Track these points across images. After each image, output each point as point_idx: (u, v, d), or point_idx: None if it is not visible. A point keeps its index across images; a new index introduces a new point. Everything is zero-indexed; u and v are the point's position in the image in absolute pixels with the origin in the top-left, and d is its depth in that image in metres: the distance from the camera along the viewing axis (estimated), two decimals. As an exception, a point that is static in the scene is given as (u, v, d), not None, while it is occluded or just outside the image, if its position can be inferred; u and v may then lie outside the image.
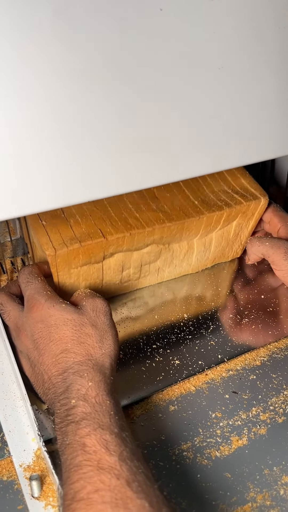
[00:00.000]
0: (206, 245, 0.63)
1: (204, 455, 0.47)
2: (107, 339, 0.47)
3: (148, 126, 0.42)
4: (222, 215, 0.59)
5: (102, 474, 0.35)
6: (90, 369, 0.43)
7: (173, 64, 0.40)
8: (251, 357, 0.57)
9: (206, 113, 0.44)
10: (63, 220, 0.53)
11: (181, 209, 0.58)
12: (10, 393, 0.50)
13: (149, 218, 0.55)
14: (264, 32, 0.42)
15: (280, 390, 0.53)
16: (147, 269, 0.61)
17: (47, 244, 0.51)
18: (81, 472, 0.36)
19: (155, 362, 0.56)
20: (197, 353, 0.57)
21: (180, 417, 0.51)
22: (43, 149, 0.39)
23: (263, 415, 0.51)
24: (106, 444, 0.37)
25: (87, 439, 0.38)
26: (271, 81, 0.46)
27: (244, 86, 0.44)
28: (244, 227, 0.63)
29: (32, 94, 0.37)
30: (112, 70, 0.38)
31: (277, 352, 0.58)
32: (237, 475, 0.46)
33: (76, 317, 0.47)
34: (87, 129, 0.40)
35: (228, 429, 0.50)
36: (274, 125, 0.49)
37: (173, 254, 0.61)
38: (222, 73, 0.42)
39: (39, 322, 0.47)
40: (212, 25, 0.40)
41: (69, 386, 0.42)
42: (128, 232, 0.53)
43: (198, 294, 0.64)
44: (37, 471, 0.45)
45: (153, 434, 0.49)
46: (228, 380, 0.54)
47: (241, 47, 0.42)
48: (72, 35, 0.36)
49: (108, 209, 0.56)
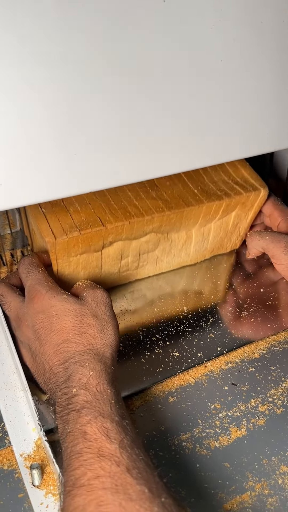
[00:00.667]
0: (204, 235, 0.63)
1: (203, 445, 0.48)
2: (108, 329, 0.47)
3: (148, 118, 0.43)
4: (221, 205, 0.59)
5: (103, 461, 0.36)
6: (91, 359, 0.43)
7: (174, 56, 0.40)
8: (250, 349, 0.58)
9: (206, 106, 0.44)
10: (63, 208, 0.54)
11: (180, 197, 0.58)
12: (10, 383, 0.50)
13: (149, 206, 0.56)
14: (265, 25, 0.42)
15: (278, 382, 0.54)
16: (146, 258, 0.61)
17: (46, 231, 0.51)
18: (82, 459, 0.36)
19: (155, 354, 0.56)
20: (197, 345, 0.57)
21: (180, 408, 0.51)
22: (42, 141, 0.39)
23: (262, 406, 0.51)
24: (106, 432, 0.38)
25: (88, 427, 0.38)
26: (271, 75, 0.46)
27: (244, 79, 0.45)
28: (243, 218, 0.64)
29: (31, 85, 0.37)
30: (113, 61, 0.39)
31: (275, 345, 0.58)
32: (236, 465, 0.46)
33: (77, 308, 0.47)
34: (87, 120, 0.40)
35: (227, 420, 0.50)
36: (273, 118, 0.49)
37: (171, 243, 0.62)
38: (223, 66, 0.43)
39: (40, 313, 0.47)
40: (213, 18, 0.40)
41: (70, 376, 0.43)
42: (127, 221, 0.53)
43: (197, 286, 0.65)
44: (37, 461, 0.45)
45: (153, 425, 0.49)
46: (227, 372, 0.55)
47: (242, 40, 0.42)
48: (71, 25, 0.36)
49: (108, 197, 0.56)
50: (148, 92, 0.41)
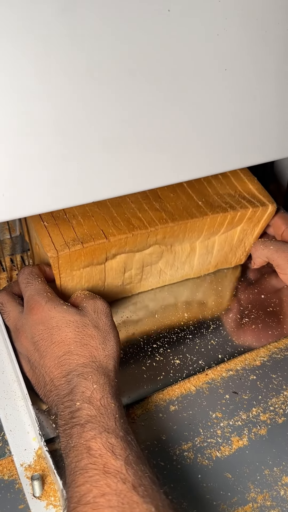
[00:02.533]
0: (208, 248, 0.63)
1: (204, 455, 0.48)
2: (110, 340, 0.46)
3: (151, 127, 0.42)
4: (226, 217, 0.58)
5: (108, 478, 0.35)
6: (95, 371, 0.43)
7: (179, 65, 0.40)
8: (251, 357, 0.57)
9: (210, 115, 0.44)
10: (65, 221, 0.53)
11: (184, 209, 0.57)
12: (11, 392, 0.50)
13: (152, 218, 0.55)
14: (269, 34, 0.42)
15: (280, 391, 0.54)
16: (149, 271, 0.61)
17: (49, 245, 0.50)
18: (87, 475, 0.36)
19: (156, 361, 0.56)
20: (198, 352, 0.57)
21: (181, 417, 0.51)
22: (44, 151, 0.38)
23: (263, 415, 0.51)
24: (111, 448, 0.37)
25: (93, 442, 0.38)
26: (275, 83, 0.46)
27: (248, 88, 0.44)
28: (249, 233, 0.63)
29: (33, 95, 0.36)
30: (116, 69, 0.38)
31: (277, 352, 0.58)
32: (238, 476, 0.46)
33: (78, 319, 0.46)
34: (88, 129, 0.40)
35: (229, 430, 0.50)
36: (276, 126, 0.48)
37: (175, 255, 0.61)
38: (227, 75, 0.42)
39: (39, 324, 0.47)
40: (218, 27, 0.40)
41: (73, 389, 0.42)
42: (130, 233, 0.53)
43: (198, 295, 0.64)
44: (38, 471, 0.45)
45: (154, 434, 0.49)
46: (228, 380, 0.55)
47: (247, 49, 0.42)
48: (76, 34, 0.36)
49: (111, 209, 0.55)
50: (151, 101, 0.41)
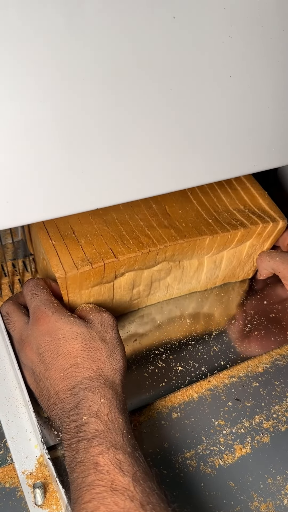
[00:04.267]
0: (216, 263, 0.62)
1: (207, 463, 0.47)
2: (117, 354, 0.46)
3: (156, 134, 0.42)
4: (236, 235, 0.57)
5: (116, 496, 0.35)
6: (102, 385, 0.42)
7: (183, 72, 0.40)
8: (253, 364, 0.57)
9: (214, 121, 0.44)
10: (73, 240, 0.52)
11: (194, 226, 0.56)
12: (12, 399, 0.50)
13: (161, 235, 0.54)
14: (274, 41, 0.42)
15: (283, 398, 0.53)
16: (157, 286, 0.60)
17: (57, 266, 0.49)
18: (94, 492, 0.35)
19: (158, 368, 0.56)
20: (200, 359, 0.57)
21: (183, 424, 0.50)
22: (47, 159, 0.38)
23: (266, 423, 0.51)
24: (119, 464, 0.37)
25: (100, 458, 0.37)
26: (279, 89, 0.45)
27: (252, 94, 0.44)
28: (258, 248, 0.62)
29: (34, 101, 0.36)
30: (120, 76, 0.38)
31: (279, 359, 0.58)
32: (241, 484, 0.46)
33: (85, 331, 0.46)
34: (92, 136, 0.39)
35: (231, 437, 0.49)
36: (281, 133, 0.48)
37: (183, 271, 0.60)
38: (232, 81, 0.42)
39: (46, 335, 0.46)
40: (223, 34, 0.39)
41: (80, 402, 0.41)
42: (139, 252, 0.52)
43: (205, 306, 0.64)
44: (40, 478, 0.45)
45: (156, 442, 0.49)
46: (231, 387, 0.54)
47: (252, 56, 0.42)
48: (79, 40, 0.35)
49: (119, 227, 0.54)
50: (155, 107, 0.41)
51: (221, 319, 0.62)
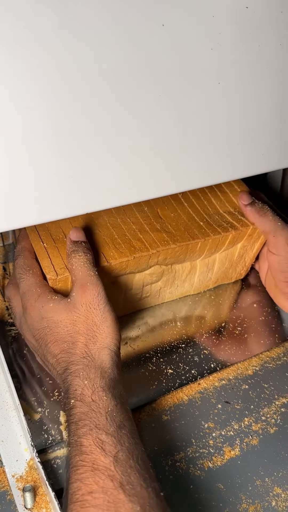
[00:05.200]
0: (209, 265, 0.62)
1: (197, 465, 0.48)
2: (103, 329, 0.45)
3: (147, 138, 0.42)
4: (227, 237, 0.58)
5: (97, 476, 0.36)
6: (85, 367, 0.43)
7: (173, 78, 0.40)
8: (243, 366, 0.58)
9: (204, 127, 0.44)
10: (65, 243, 0.52)
11: (186, 230, 0.57)
12: (2, 402, 0.50)
13: (153, 239, 0.54)
14: (262, 48, 0.42)
15: (271, 400, 0.54)
16: (149, 290, 0.60)
17: (48, 267, 0.50)
18: (78, 472, 0.37)
19: (149, 371, 0.56)
20: (190, 362, 0.57)
21: (173, 427, 0.51)
22: (35, 162, 0.38)
23: (255, 425, 0.51)
24: (101, 444, 0.38)
25: (84, 439, 0.38)
26: (268, 96, 0.46)
27: (241, 100, 0.45)
28: (249, 249, 0.62)
29: (23, 106, 0.36)
30: (110, 81, 0.38)
31: (268, 361, 0.59)
32: (230, 486, 0.46)
33: (65, 317, 0.46)
34: (81, 142, 0.40)
35: (221, 440, 0.50)
36: (269, 138, 0.49)
37: (175, 274, 0.61)
38: (221, 88, 0.43)
39: (34, 323, 0.47)
40: (212, 41, 0.40)
41: (68, 388, 0.42)
42: (131, 256, 0.52)
43: (197, 310, 0.64)
44: (30, 482, 0.45)
45: (147, 444, 0.49)
46: (221, 390, 0.55)
47: (240, 63, 0.42)
48: (72, 47, 0.36)
49: (111, 230, 0.54)
50: (147, 113, 0.41)
51: (212, 322, 0.63)
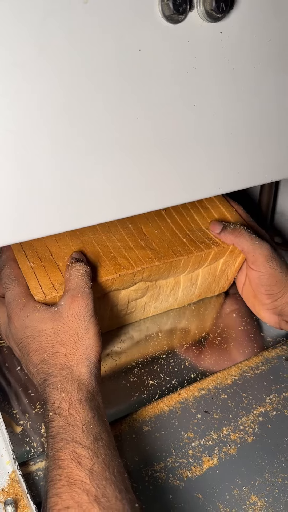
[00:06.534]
0: (192, 280, 0.64)
1: (176, 475, 0.49)
2: (84, 341, 0.46)
3: (130, 155, 0.43)
4: (210, 254, 0.59)
5: (73, 490, 0.36)
6: (63, 380, 0.43)
7: (151, 102, 0.41)
8: (223, 376, 0.59)
9: (183, 145, 0.45)
10: (51, 262, 0.53)
11: (169, 247, 0.58)
12: (-15, 415, 0.50)
13: (138, 257, 0.55)
14: (237, 71, 0.44)
15: (249, 410, 0.55)
16: (134, 305, 0.61)
17: (36, 288, 0.50)
18: (56, 487, 0.37)
19: (130, 382, 0.57)
20: (171, 372, 0.58)
21: (154, 437, 0.52)
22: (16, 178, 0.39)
23: (233, 434, 0.53)
24: (78, 458, 0.38)
25: (61, 452, 0.39)
26: (244, 116, 0.47)
27: (217, 121, 0.46)
28: (231, 264, 0.64)
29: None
30: (92, 99, 0.39)
31: (247, 370, 0.60)
32: (208, 495, 0.47)
33: (50, 326, 0.47)
34: (64, 159, 0.40)
35: (200, 449, 0.51)
36: (247, 156, 0.50)
37: (159, 289, 0.62)
38: (197, 110, 0.44)
39: (18, 332, 0.48)
40: (186, 66, 0.41)
41: (46, 399, 0.43)
42: (117, 274, 0.53)
43: (181, 323, 0.65)
44: (11, 495, 0.46)
45: (127, 455, 0.50)
46: (201, 400, 0.56)
47: (215, 85, 0.43)
48: (64, 61, 0.36)
49: (97, 248, 0.55)
50: (128, 131, 0.42)
51: (193, 333, 0.64)
